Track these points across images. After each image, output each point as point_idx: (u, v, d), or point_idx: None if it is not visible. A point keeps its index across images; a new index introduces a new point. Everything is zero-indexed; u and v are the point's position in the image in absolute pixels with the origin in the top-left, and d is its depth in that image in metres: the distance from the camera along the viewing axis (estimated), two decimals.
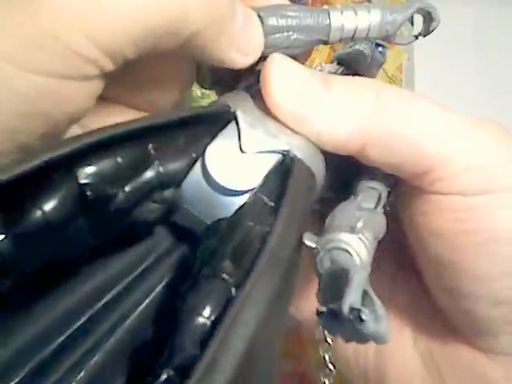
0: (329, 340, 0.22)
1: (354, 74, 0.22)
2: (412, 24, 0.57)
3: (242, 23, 0.17)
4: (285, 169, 0.17)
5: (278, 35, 0.18)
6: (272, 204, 0.16)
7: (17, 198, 0.13)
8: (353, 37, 0.19)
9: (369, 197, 0.19)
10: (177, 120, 0.16)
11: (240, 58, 0.18)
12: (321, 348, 0.22)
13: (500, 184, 0.18)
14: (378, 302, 0.13)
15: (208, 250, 0.15)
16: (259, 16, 0.18)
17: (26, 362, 0.14)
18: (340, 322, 0.13)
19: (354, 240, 0.15)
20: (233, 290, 0.13)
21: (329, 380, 0.22)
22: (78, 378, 0.14)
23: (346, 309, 0.13)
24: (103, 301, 0.16)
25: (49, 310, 0.15)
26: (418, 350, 0.22)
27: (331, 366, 0.22)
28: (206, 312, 0.13)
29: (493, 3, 0.58)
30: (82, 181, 0.14)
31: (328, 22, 0.19)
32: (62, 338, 0.14)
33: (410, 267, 0.22)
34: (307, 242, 0.16)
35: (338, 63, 0.23)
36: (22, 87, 0.14)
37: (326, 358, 0.22)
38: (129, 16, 0.15)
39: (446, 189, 0.18)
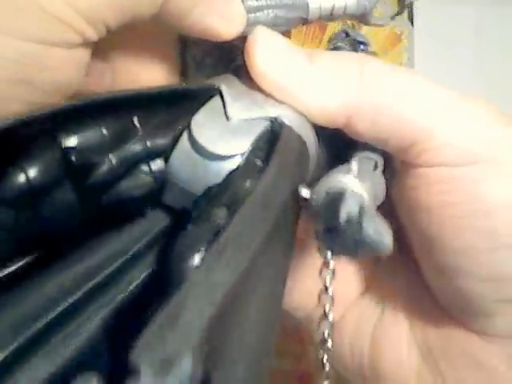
0: (329, 342, 0.21)
1: None
2: (412, 24, 0.57)
3: None
4: (273, 134, 0.17)
5: (258, 13, 0.19)
6: (261, 164, 0.16)
7: (1, 162, 0.13)
8: (331, 14, 0.20)
9: (365, 164, 0.19)
10: (160, 94, 0.16)
11: (223, 25, 0.18)
12: (320, 348, 0.22)
13: (483, 155, 0.18)
14: (377, 217, 0.13)
15: (198, 209, 0.15)
16: None
17: (13, 338, 0.13)
18: (340, 237, 0.13)
19: (350, 179, 0.15)
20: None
21: (328, 380, 0.22)
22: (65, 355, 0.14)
23: (343, 216, 0.13)
24: (94, 281, 0.15)
25: (36, 290, 0.15)
26: (414, 338, 0.22)
27: (329, 369, 0.22)
28: (197, 257, 0.12)
29: (493, 3, 0.58)
30: (66, 145, 0.14)
31: (306, 1, 0.19)
32: (47, 319, 0.14)
33: (409, 254, 0.22)
34: (303, 193, 0.16)
35: None
36: (6, 52, 0.15)
37: (325, 360, 0.22)
38: None
39: (431, 161, 0.18)
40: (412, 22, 0.57)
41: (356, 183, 0.15)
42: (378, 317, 0.23)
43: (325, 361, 0.21)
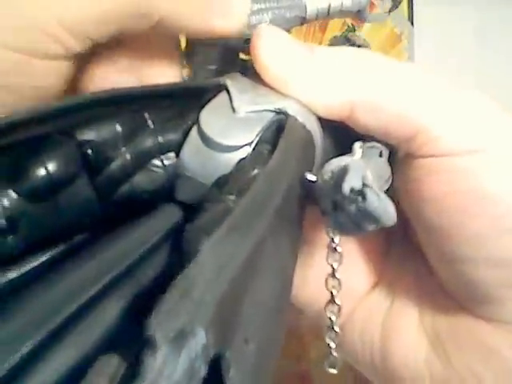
0: (336, 328, 0.22)
1: None
2: (412, 24, 0.57)
3: None
4: (279, 124, 0.18)
5: (259, 16, 0.20)
6: (268, 153, 0.17)
7: (21, 157, 0.14)
8: (328, 13, 0.21)
9: (370, 154, 0.19)
10: (170, 90, 0.17)
11: (223, 23, 0.18)
12: (327, 336, 0.22)
13: (484, 144, 0.18)
14: (380, 191, 0.13)
15: (209, 197, 0.15)
16: None
17: (37, 329, 0.14)
18: (345, 211, 0.13)
19: (353, 159, 0.15)
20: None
21: (334, 366, 0.22)
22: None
23: (347, 189, 0.13)
24: (112, 274, 0.16)
25: (57, 284, 0.15)
26: (422, 325, 0.22)
27: (335, 354, 0.22)
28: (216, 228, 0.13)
29: (493, 3, 0.58)
30: (82, 139, 0.15)
31: (303, 2, 0.21)
32: (68, 312, 0.14)
33: (416, 246, 0.22)
34: (309, 177, 0.16)
35: None
36: None
37: (332, 345, 0.22)
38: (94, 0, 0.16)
39: (432, 151, 0.18)
40: (412, 22, 0.57)
41: (358, 161, 0.15)
42: (387, 308, 0.23)
43: (332, 345, 0.22)
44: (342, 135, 0.21)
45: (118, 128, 0.16)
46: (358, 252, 0.25)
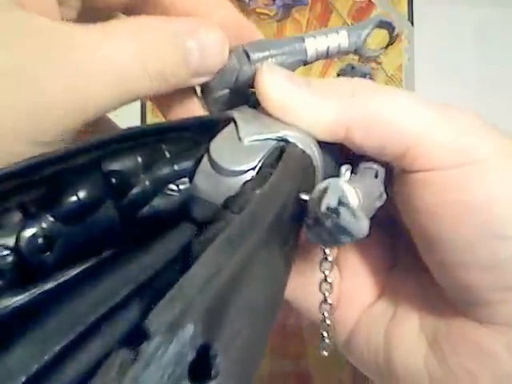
0: (328, 321, 0.25)
1: None
2: (412, 24, 0.57)
3: (198, 52, 0.21)
4: (280, 150, 0.20)
5: (263, 60, 0.22)
6: (268, 175, 0.19)
7: (57, 187, 0.16)
8: (327, 54, 0.23)
9: (366, 174, 0.21)
10: (185, 124, 0.20)
11: (200, 80, 0.22)
12: (321, 328, 0.25)
13: (470, 157, 0.20)
14: (357, 206, 0.16)
15: (218, 214, 0.18)
16: (245, 51, 0.22)
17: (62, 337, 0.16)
18: (323, 226, 0.16)
19: (341, 182, 0.17)
20: None
21: (326, 350, 0.25)
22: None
23: (323, 207, 0.15)
24: (130, 288, 0.18)
25: (81, 297, 0.17)
26: (423, 331, 0.24)
27: (328, 341, 0.25)
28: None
29: (493, 3, 0.58)
30: (108, 169, 0.17)
31: (303, 47, 0.23)
32: (88, 323, 0.16)
33: (419, 256, 0.24)
34: (302, 196, 0.18)
35: None
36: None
37: (325, 335, 0.25)
38: (99, 101, 0.19)
39: (423, 166, 0.20)
40: (412, 22, 0.57)
41: (339, 182, 0.17)
42: (391, 315, 0.25)
43: (325, 335, 0.25)
44: (340, 156, 0.23)
45: (139, 159, 0.18)
46: (365, 265, 0.27)
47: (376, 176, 0.21)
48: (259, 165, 0.19)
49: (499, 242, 0.19)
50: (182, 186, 0.20)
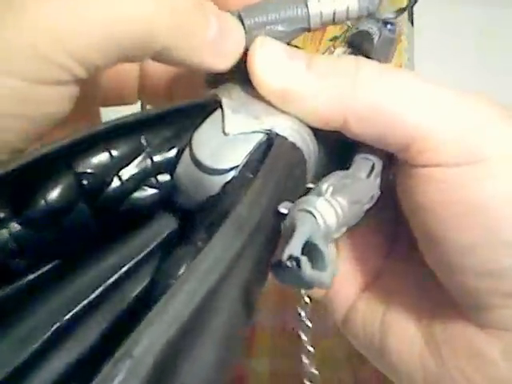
0: (306, 299, 0.24)
1: (365, 55, 0.23)
2: (412, 24, 0.57)
3: (218, 30, 0.19)
4: (266, 147, 0.19)
5: (259, 31, 0.20)
6: (251, 176, 0.18)
7: (22, 189, 0.16)
8: (333, 20, 0.21)
9: (362, 166, 0.20)
10: (166, 112, 0.18)
11: (216, 62, 0.20)
12: (298, 305, 0.25)
13: (479, 155, 0.18)
14: (326, 253, 0.15)
15: (191, 226, 0.17)
16: (240, 16, 0.20)
17: (40, 334, 0.16)
18: (286, 271, 0.15)
19: (319, 202, 0.17)
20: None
21: (306, 335, 0.25)
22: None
23: (284, 257, 0.14)
24: (105, 284, 0.17)
25: (55, 294, 0.17)
26: (419, 326, 0.23)
27: (308, 323, 0.25)
28: (178, 274, 0.15)
29: (494, 3, 0.58)
30: (79, 170, 0.16)
31: (306, 10, 0.20)
32: (63, 320, 0.16)
33: (418, 248, 0.23)
34: (281, 210, 0.17)
35: (348, 46, 0.24)
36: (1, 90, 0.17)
37: (303, 314, 0.25)
38: (100, 30, 0.17)
39: (429, 161, 0.19)
40: (412, 22, 0.57)
41: (327, 210, 0.17)
42: (386, 305, 0.24)
43: (303, 317, 0.25)
44: (338, 142, 0.21)
45: (114, 153, 0.17)
46: (363, 248, 0.26)
47: (372, 170, 0.20)
48: (243, 162, 0.18)
49: (503, 247, 0.19)
50: (161, 179, 0.18)
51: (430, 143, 0.19)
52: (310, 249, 0.15)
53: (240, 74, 0.20)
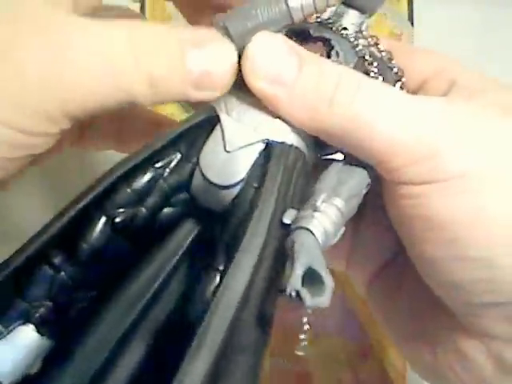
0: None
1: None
2: (412, 24, 0.57)
3: (201, 70, 0.19)
4: (266, 155, 0.20)
5: (247, 37, 0.20)
6: (256, 185, 0.20)
7: (69, 238, 0.19)
8: (315, 9, 0.20)
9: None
10: (171, 140, 0.20)
11: (201, 94, 0.20)
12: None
13: (444, 174, 0.19)
14: (323, 276, 0.16)
15: (210, 244, 0.20)
16: (225, 28, 0.20)
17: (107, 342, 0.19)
18: (290, 298, 0.16)
19: (316, 218, 0.18)
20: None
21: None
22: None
23: (288, 292, 0.16)
24: (144, 299, 0.20)
25: (98, 324, 0.20)
26: (414, 319, 0.24)
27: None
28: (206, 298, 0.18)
29: (494, 3, 0.58)
30: (109, 212, 0.19)
31: (286, 8, 0.20)
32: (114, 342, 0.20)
33: None
34: (285, 220, 0.19)
35: None
36: None
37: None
38: (86, 92, 0.18)
39: (399, 178, 0.19)
40: (412, 22, 0.57)
41: (324, 222, 0.18)
42: (393, 291, 0.25)
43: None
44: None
45: (135, 187, 0.20)
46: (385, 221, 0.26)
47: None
48: (248, 174, 0.20)
49: (469, 262, 0.19)
50: (180, 197, 0.21)
51: (397, 163, 0.19)
52: (309, 272, 0.16)
53: (234, 82, 0.20)
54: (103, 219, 0.19)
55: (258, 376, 0.18)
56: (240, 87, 0.20)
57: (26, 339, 0.19)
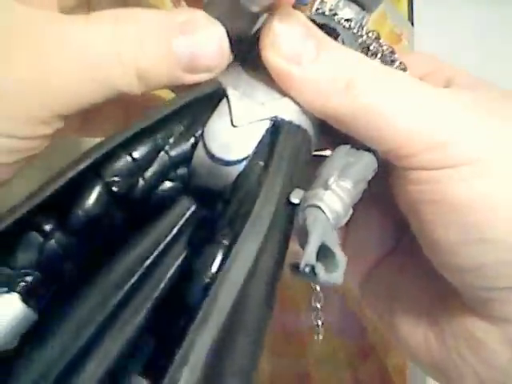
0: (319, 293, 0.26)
1: None
2: (412, 24, 0.57)
3: (184, 47, 0.19)
4: (274, 132, 0.20)
5: (232, 11, 0.19)
6: (263, 164, 0.19)
7: (62, 204, 0.18)
8: None
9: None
10: (177, 109, 0.19)
11: (196, 77, 0.20)
12: (313, 298, 0.26)
13: (459, 159, 0.19)
14: (338, 255, 0.16)
15: (209, 220, 0.19)
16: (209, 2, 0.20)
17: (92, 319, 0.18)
18: (303, 273, 0.16)
19: (327, 196, 0.18)
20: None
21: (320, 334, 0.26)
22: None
23: (302, 265, 0.16)
24: (138, 273, 0.19)
25: (99, 284, 0.19)
26: (423, 310, 0.24)
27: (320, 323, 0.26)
28: (210, 272, 0.17)
29: (494, 3, 0.58)
30: (107, 179, 0.18)
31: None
32: (105, 313, 0.18)
33: None
34: (292, 200, 0.18)
35: None
36: None
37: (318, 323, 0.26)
38: (75, 94, 0.19)
39: (411, 164, 0.20)
40: (412, 22, 0.57)
41: (334, 201, 0.18)
42: (396, 279, 0.25)
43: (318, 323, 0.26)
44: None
45: (136, 156, 0.19)
46: (383, 213, 0.26)
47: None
48: (253, 151, 0.19)
49: (477, 245, 0.19)
50: (180, 172, 0.20)
51: (412, 149, 0.19)
52: (322, 249, 0.16)
53: (243, 55, 0.20)
54: (100, 186, 0.18)
55: (259, 352, 0.17)
56: (248, 62, 0.20)
57: (9, 308, 0.18)
